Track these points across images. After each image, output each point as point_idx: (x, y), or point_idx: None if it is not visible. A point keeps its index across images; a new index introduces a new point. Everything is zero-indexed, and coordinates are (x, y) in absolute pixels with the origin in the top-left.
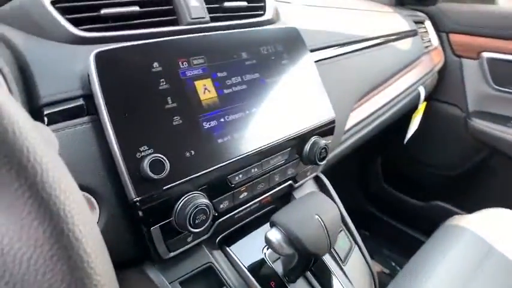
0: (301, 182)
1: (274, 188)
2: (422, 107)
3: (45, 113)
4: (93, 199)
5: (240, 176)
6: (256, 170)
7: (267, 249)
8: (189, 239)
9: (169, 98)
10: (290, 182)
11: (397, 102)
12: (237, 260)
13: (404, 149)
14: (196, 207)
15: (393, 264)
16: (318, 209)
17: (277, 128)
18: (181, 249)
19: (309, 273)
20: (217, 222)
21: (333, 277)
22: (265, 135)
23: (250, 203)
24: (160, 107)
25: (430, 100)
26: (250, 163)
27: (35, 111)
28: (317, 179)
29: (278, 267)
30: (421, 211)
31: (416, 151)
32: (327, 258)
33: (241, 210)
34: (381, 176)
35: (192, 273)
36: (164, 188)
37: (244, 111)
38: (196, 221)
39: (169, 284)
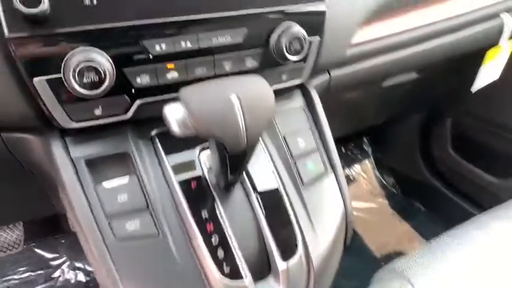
0: (273, 87)
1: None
2: (508, 46)
3: None
4: None
5: (163, 45)
6: (188, 44)
7: (202, 150)
8: (97, 112)
9: None
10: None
11: (459, 27)
12: (163, 154)
13: (480, 106)
14: (87, 61)
15: None
16: (240, 89)
17: None
18: (89, 123)
19: (250, 188)
20: (138, 102)
21: (280, 198)
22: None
23: None
24: None
25: None
26: (178, 31)
27: None
28: (305, 93)
29: (211, 177)
30: (495, 189)
31: (496, 111)
32: (283, 175)
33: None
34: (448, 140)
35: (102, 155)
36: (47, 32)
37: None
38: (85, 80)
39: (72, 159)
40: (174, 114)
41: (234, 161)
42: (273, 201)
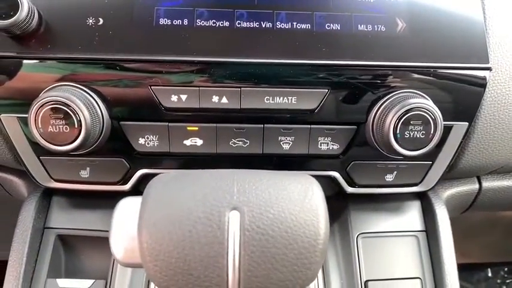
0: (363, 189)
1: (284, 163)
2: None
3: None
4: None
5: (183, 97)
6: (224, 100)
7: None
8: (84, 174)
9: None
10: (332, 173)
11: None
12: None
13: None
14: (53, 102)
15: None
16: (252, 199)
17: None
18: (73, 186)
19: None
20: (141, 171)
21: None
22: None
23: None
24: None
25: None
26: (209, 79)
27: None
28: (426, 207)
29: None
30: None
31: None
32: None
33: None
34: None
35: (79, 233)
36: (19, 55)
37: None
38: (51, 128)
39: (43, 228)
40: (122, 229)
41: None
42: None
